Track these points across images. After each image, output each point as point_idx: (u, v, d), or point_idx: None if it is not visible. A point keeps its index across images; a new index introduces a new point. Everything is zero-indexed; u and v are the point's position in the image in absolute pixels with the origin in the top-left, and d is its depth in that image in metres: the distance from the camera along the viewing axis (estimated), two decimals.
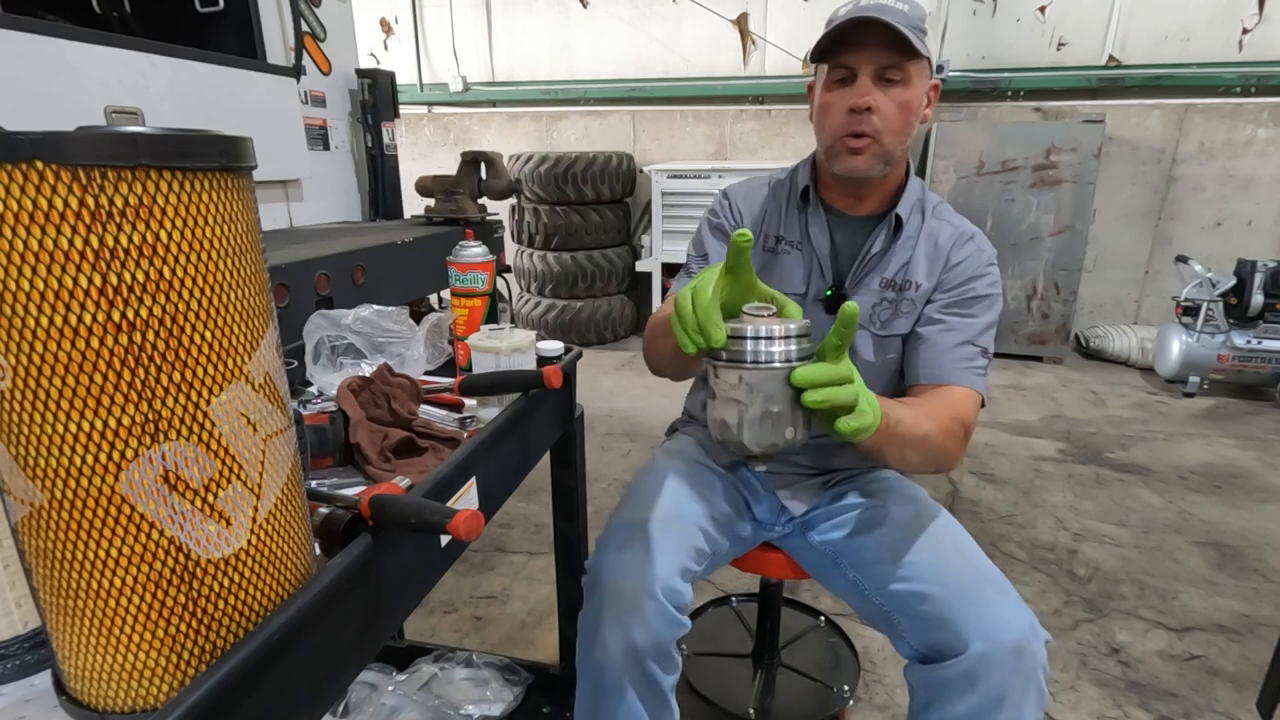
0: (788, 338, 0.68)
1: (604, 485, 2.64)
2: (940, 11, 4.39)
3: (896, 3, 0.94)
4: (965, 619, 0.87)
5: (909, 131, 1.00)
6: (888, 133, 0.97)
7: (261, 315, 0.48)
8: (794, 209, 1.12)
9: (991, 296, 1.05)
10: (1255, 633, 1.78)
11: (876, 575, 0.99)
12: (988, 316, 1.04)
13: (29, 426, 0.40)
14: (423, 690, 1.37)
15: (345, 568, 0.57)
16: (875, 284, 1.07)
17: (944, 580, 0.92)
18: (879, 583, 0.98)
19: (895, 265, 1.07)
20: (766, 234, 1.14)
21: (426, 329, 1.10)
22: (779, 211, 1.14)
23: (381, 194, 2.63)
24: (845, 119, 0.98)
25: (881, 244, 1.07)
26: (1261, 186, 4.08)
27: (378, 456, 0.82)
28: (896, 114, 0.97)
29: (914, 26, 0.93)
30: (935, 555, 0.96)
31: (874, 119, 0.96)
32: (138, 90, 1.70)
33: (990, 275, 1.06)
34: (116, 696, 0.46)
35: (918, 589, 0.93)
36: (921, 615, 0.92)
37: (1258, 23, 3.96)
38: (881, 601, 0.98)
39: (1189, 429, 3.19)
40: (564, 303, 4.56)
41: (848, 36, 0.94)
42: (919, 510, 1.05)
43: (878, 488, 1.12)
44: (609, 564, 0.95)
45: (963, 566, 0.94)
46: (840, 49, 0.96)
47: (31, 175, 0.37)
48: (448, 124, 5.36)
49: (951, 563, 0.95)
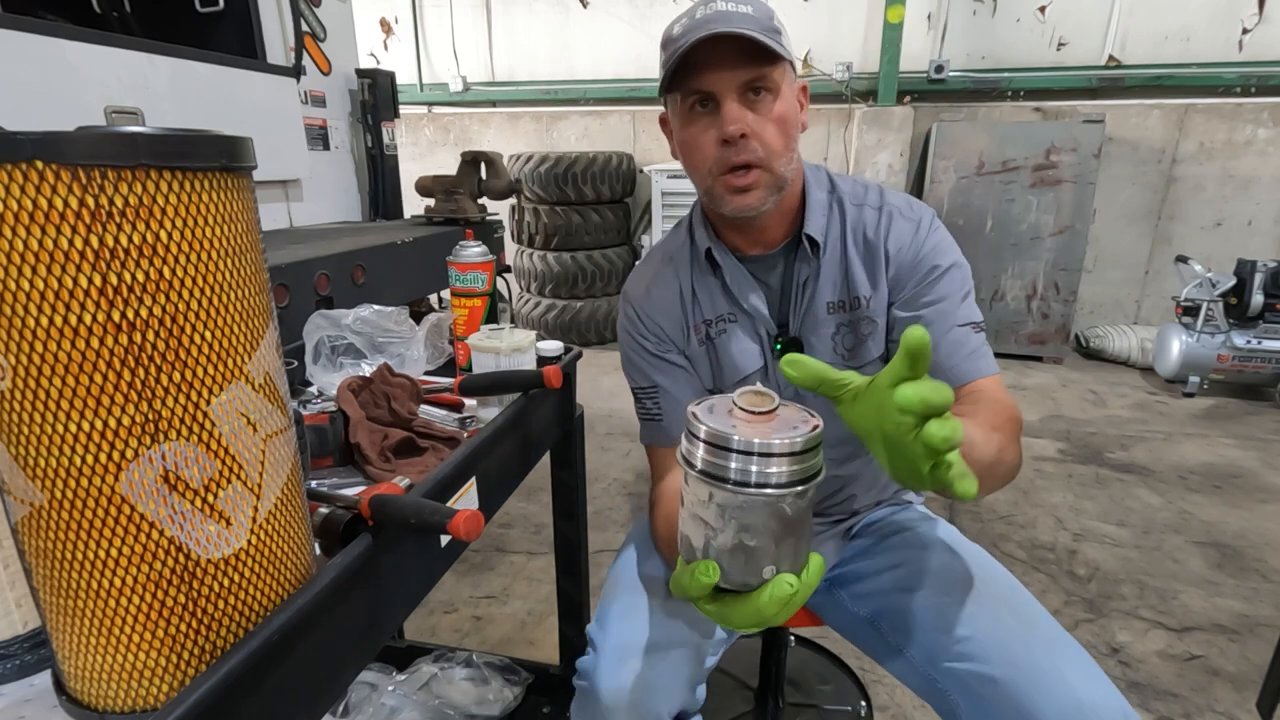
0: (788, 455, 0.49)
1: (604, 485, 2.64)
2: (940, 11, 4.39)
3: (739, 6, 0.80)
4: (1045, 709, 0.72)
5: (794, 147, 0.87)
6: (772, 156, 0.84)
7: (261, 315, 0.48)
8: (708, 278, 0.97)
9: (950, 265, 0.90)
10: (1255, 633, 1.78)
11: (927, 646, 0.85)
12: (958, 286, 0.89)
13: (29, 426, 0.40)
14: (423, 690, 1.37)
15: (345, 568, 0.57)
16: (822, 313, 0.93)
17: (1012, 659, 0.77)
18: (930, 655, 0.85)
19: (832, 285, 0.93)
20: (697, 325, 0.98)
21: (426, 329, 1.10)
22: (694, 292, 0.98)
23: (381, 194, 2.63)
24: (719, 153, 0.84)
25: (807, 270, 0.93)
26: (1261, 186, 4.08)
27: (378, 456, 0.82)
28: (776, 133, 0.83)
29: (766, 29, 0.80)
30: (994, 623, 0.81)
31: (753, 145, 0.82)
32: (138, 90, 1.71)
33: (936, 238, 0.91)
34: (116, 696, 0.46)
35: (982, 670, 0.78)
36: (989, 700, 0.77)
37: (1258, 23, 3.96)
38: (935, 677, 0.84)
39: (1189, 429, 3.19)
40: (564, 303, 4.56)
41: (696, 57, 0.80)
42: (959, 559, 0.91)
43: (909, 537, 0.98)
44: (606, 683, 0.83)
45: (1030, 637, 0.79)
46: (691, 73, 0.82)
47: (31, 175, 0.37)
48: (448, 124, 5.36)
49: (1016, 632, 0.79)
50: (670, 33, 0.84)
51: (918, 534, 0.98)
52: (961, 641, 0.81)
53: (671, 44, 0.82)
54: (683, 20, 0.83)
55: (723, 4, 0.81)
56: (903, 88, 4.41)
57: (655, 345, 0.98)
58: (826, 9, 4.57)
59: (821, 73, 4.58)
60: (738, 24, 0.78)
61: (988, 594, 0.85)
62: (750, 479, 0.49)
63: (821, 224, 0.93)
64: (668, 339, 0.98)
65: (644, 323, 0.99)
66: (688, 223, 1.01)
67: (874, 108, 4.39)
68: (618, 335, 1.04)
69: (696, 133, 0.85)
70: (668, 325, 0.98)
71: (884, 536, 1.01)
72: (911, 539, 0.97)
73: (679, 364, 0.98)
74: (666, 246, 1.02)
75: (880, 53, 4.30)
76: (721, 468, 0.50)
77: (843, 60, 4.54)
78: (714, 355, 0.98)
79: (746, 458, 0.49)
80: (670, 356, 0.98)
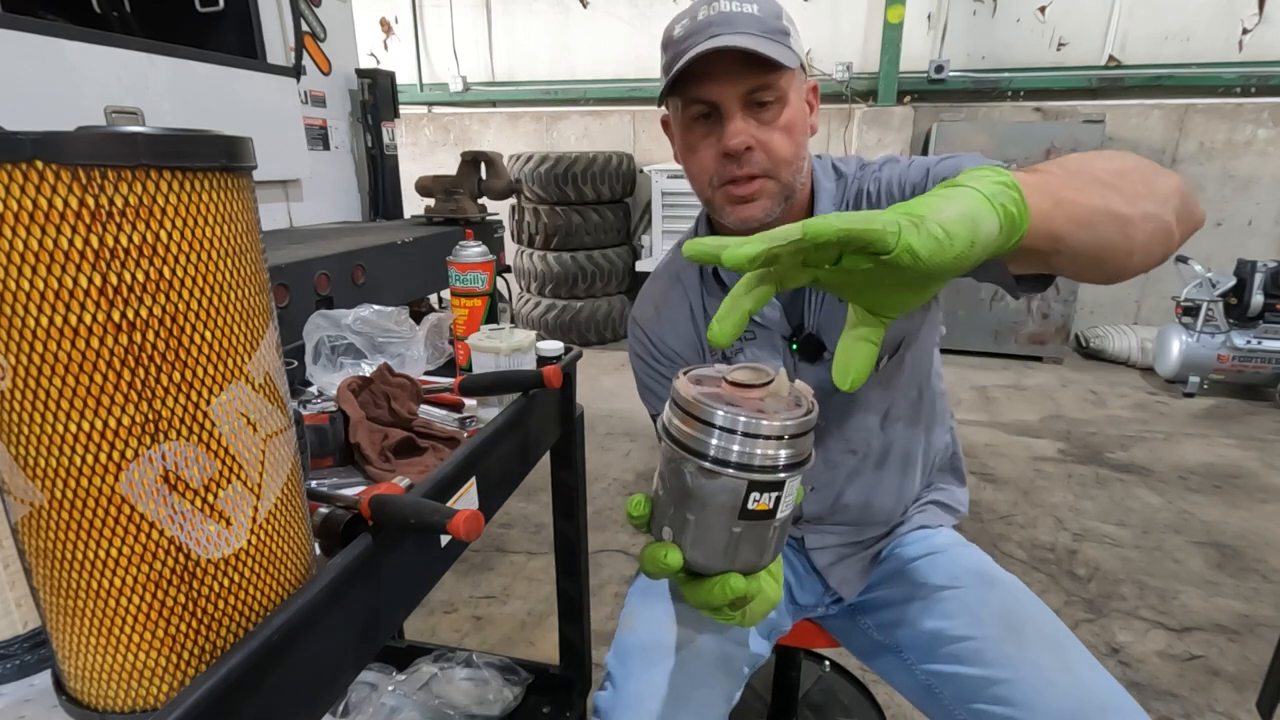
0: (776, 438, 0.45)
1: (604, 485, 2.64)
2: (940, 11, 4.39)
3: (743, 6, 0.75)
4: None
5: (803, 153, 0.82)
6: (779, 165, 0.79)
7: (261, 315, 0.48)
8: (719, 297, 0.92)
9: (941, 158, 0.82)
10: (1255, 633, 1.78)
11: (957, 684, 0.80)
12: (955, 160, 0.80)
13: (29, 426, 0.40)
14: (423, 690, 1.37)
15: (345, 568, 0.57)
16: (838, 304, 0.87)
17: (1057, 712, 0.71)
18: (961, 694, 0.79)
19: None
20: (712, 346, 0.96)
21: (426, 329, 1.10)
22: (705, 311, 0.93)
23: (381, 194, 2.63)
24: (720, 165, 0.80)
25: None
26: (1261, 186, 4.09)
27: (378, 456, 0.82)
28: (783, 141, 0.78)
29: (772, 30, 0.75)
30: (1035, 670, 0.74)
31: (757, 157, 0.78)
32: (138, 90, 1.71)
33: (921, 159, 0.85)
34: (116, 696, 0.46)
35: (1023, 718, 0.72)
36: None
37: (1258, 23, 3.96)
38: (967, 718, 0.79)
39: (1189, 429, 3.19)
40: (564, 303, 4.56)
41: (697, 65, 0.74)
42: (995, 592, 0.85)
43: (940, 564, 0.91)
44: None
45: (1078, 691, 0.72)
46: (692, 81, 0.77)
47: (31, 175, 0.37)
48: (448, 124, 5.36)
49: (1060, 684, 0.73)
50: (671, 34, 0.79)
51: (949, 560, 0.92)
52: (1000, 684, 0.75)
53: (672, 46, 0.78)
54: (684, 21, 0.78)
55: (726, 3, 0.76)
56: (903, 88, 4.41)
57: (669, 369, 0.95)
58: (826, 9, 4.57)
59: (821, 73, 4.58)
60: (742, 26, 0.74)
61: (1030, 634, 0.78)
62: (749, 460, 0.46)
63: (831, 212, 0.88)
64: (683, 361, 0.95)
65: (656, 346, 0.96)
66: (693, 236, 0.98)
67: (874, 108, 4.39)
68: (631, 362, 1.01)
69: (698, 143, 0.81)
70: (681, 347, 0.95)
71: (911, 561, 0.94)
72: (943, 565, 0.91)
73: None
74: (672, 265, 0.98)
75: (880, 53, 4.31)
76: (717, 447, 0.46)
77: (843, 60, 4.54)
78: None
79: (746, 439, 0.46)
80: None
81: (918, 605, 0.88)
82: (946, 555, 0.92)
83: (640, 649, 0.86)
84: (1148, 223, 0.55)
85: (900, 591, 0.92)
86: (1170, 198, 0.58)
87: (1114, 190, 0.54)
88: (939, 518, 1.02)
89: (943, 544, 0.95)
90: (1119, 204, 0.54)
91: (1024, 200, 0.47)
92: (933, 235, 0.41)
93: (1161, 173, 0.59)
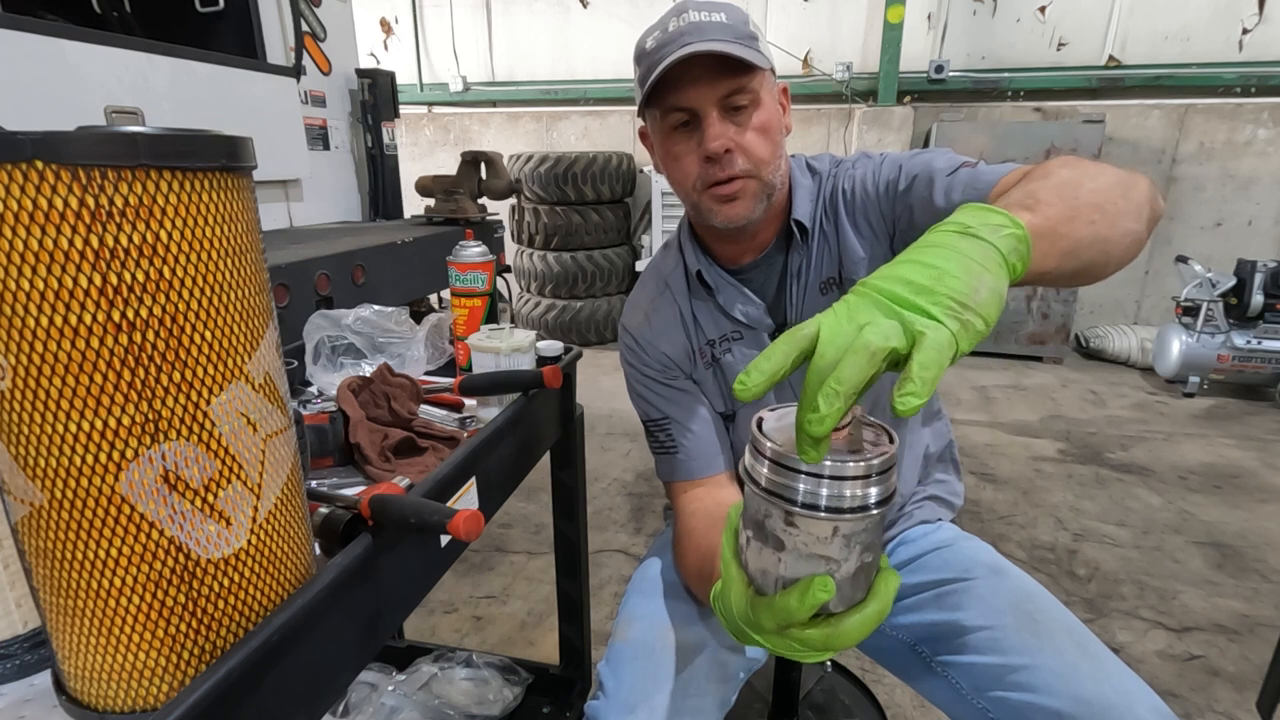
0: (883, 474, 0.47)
1: (604, 485, 2.64)
2: (940, 11, 4.39)
3: (711, 14, 0.78)
4: None
5: (780, 153, 0.85)
6: (759, 165, 0.82)
7: (261, 315, 0.48)
8: (705, 300, 0.95)
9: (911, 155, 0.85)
10: (1255, 633, 1.78)
11: (975, 673, 0.80)
12: (928, 158, 0.82)
13: (29, 426, 0.40)
14: (423, 690, 1.37)
15: (345, 568, 0.57)
16: (817, 296, 0.90)
17: (1079, 694, 0.71)
18: (978, 682, 0.80)
19: (826, 263, 0.90)
20: (701, 349, 0.95)
21: (426, 329, 1.10)
22: (694, 315, 0.95)
23: (381, 194, 2.63)
24: (702, 169, 0.82)
25: (800, 258, 0.90)
26: (1261, 186, 4.09)
27: (378, 456, 0.82)
28: (761, 143, 0.82)
29: (742, 36, 0.78)
30: (1055, 655, 0.75)
31: (737, 159, 0.81)
32: (138, 90, 1.71)
33: (892, 154, 0.88)
34: (116, 696, 0.46)
35: (1044, 703, 0.72)
36: None
37: (1258, 23, 3.96)
38: (986, 706, 0.79)
39: (1189, 429, 3.19)
40: (564, 303, 4.56)
41: (672, 73, 0.78)
42: (1005, 581, 0.86)
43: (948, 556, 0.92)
44: None
45: (1097, 672, 0.74)
46: (669, 90, 0.80)
47: (31, 175, 0.37)
48: (448, 124, 5.36)
49: (1080, 667, 0.74)
50: (644, 46, 0.81)
51: (957, 553, 0.92)
52: (1020, 670, 0.75)
53: (646, 58, 0.80)
54: (656, 33, 0.80)
55: (695, 14, 0.79)
56: (903, 88, 4.41)
57: (660, 374, 0.96)
58: (826, 9, 4.57)
59: (821, 73, 4.58)
60: (712, 34, 0.76)
61: (1045, 621, 0.79)
62: (870, 500, 0.47)
63: (809, 209, 0.90)
64: (674, 365, 0.96)
65: (647, 351, 0.96)
66: (676, 243, 0.98)
67: (874, 108, 4.39)
68: (622, 369, 1.02)
69: (679, 150, 0.84)
70: (672, 352, 0.96)
71: (918, 557, 0.95)
72: (951, 559, 0.92)
73: (687, 390, 0.96)
74: (659, 271, 1.00)
75: (880, 53, 4.30)
76: (842, 498, 0.47)
77: (843, 60, 4.54)
78: (720, 376, 0.95)
79: (864, 481, 0.47)
80: (678, 384, 0.96)
81: (929, 599, 0.88)
82: (953, 549, 0.93)
83: (632, 657, 0.86)
84: (1126, 238, 0.60)
85: (909, 587, 0.92)
86: (1144, 206, 0.62)
87: (1100, 212, 0.57)
88: (937, 512, 1.03)
89: (947, 539, 0.96)
90: (1103, 228, 0.57)
91: (1030, 253, 0.50)
92: (978, 331, 0.44)
93: (1135, 181, 0.63)
